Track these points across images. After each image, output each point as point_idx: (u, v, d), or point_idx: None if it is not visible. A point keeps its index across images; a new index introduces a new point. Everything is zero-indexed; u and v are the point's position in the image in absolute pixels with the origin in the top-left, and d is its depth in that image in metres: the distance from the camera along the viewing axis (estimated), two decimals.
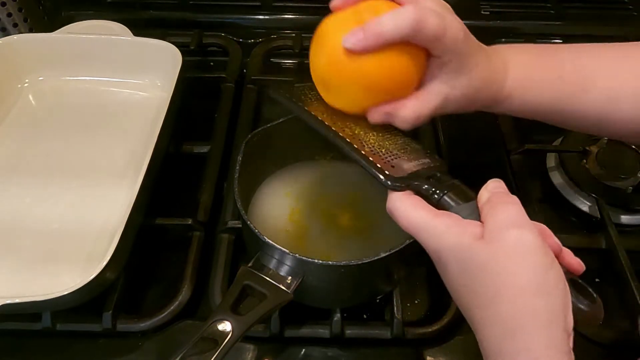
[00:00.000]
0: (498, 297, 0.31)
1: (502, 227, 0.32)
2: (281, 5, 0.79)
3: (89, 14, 0.76)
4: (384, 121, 0.39)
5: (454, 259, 0.33)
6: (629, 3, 0.77)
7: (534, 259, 0.31)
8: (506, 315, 0.30)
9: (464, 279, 0.32)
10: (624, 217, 0.58)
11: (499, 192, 0.35)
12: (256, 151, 0.51)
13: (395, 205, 0.36)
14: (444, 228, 0.33)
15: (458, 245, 0.32)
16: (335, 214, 0.53)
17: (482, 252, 0.31)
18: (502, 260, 0.31)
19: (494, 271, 0.31)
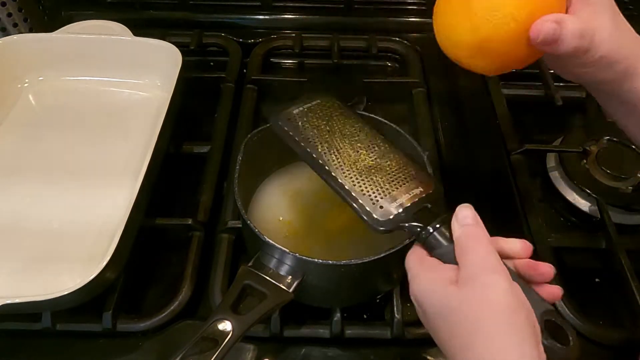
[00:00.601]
0: (472, 340, 0.32)
1: (473, 272, 0.34)
2: (281, 5, 0.79)
3: (89, 14, 0.76)
4: (553, 33, 0.36)
5: (428, 302, 0.35)
6: (629, 3, 0.77)
7: (504, 302, 0.32)
8: (481, 357, 0.32)
9: (438, 322, 0.34)
10: (624, 217, 0.58)
11: (467, 226, 0.36)
12: (256, 151, 0.51)
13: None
14: (420, 273, 0.36)
15: (432, 291, 0.35)
16: (336, 213, 0.53)
17: (454, 298, 0.33)
18: (474, 305, 0.33)
19: (466, 315, 0.33)
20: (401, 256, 0.43)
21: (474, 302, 0.33)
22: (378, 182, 0.42)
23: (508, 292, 0.32)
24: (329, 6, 0.77)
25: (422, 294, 0.35)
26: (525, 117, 0.68)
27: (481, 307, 0.32)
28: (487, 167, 0.63)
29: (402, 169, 0.43)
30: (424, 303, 0.35)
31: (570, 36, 0.36)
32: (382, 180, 0.42)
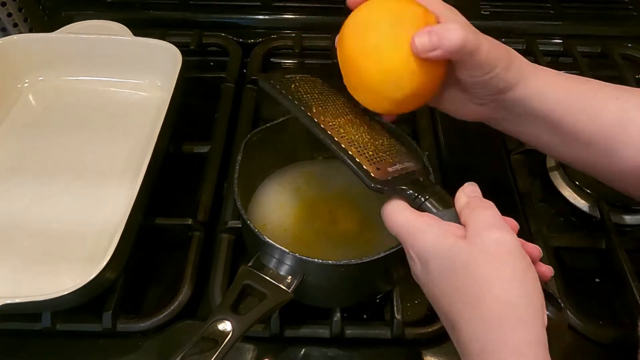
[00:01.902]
0: (481, 294, 0.31)
1: (483, 228, 0.33)
2: (281, 5, 0.79)
3: (89, 14, 0.76)
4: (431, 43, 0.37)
5: (436, 257, 0.33)
6: (629, 3, 0.77)
7: (515, 259, 0.32)
8: (490, 312, 0.31)
9: (446, 278, 0.33)
10: (624, 217, 0.58)
11: (476, 197, 0.36)
12: (256, 151, 0.51)
13: (384, 209, 0.37)
14: (426, 227, 0.34)
15: (440, 245, 0.33)
16: (335, 213, 0.53)
17: (465, 252, 0.32)
18: (485, 259, 0.32)
19: (477, 270, 0.32)
20: (401, 256, 0.43)
21: (485, 257, 0.32)
22: (375, 149, 0.40)
23: (518, 250, 0.32)
24: (329, 6, 0.77)
25: (430, 248, 0.34)
26: None
27: (493, 262, 0.31)
28: (487, 167, 0.63)
29: (394, 145, 0.43)
30: (430, 258, 0.34)
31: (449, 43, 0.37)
32: (378, 149, 0.41)
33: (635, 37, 0.78)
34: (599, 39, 0.77)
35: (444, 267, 0.33)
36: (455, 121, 0.45)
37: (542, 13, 0.78)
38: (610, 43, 0.76)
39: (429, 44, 0.37)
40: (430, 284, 0.34)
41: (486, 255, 0.32)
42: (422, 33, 0.37)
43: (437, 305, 0.35)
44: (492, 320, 0.31)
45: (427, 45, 0.37)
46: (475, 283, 0.31)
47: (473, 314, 0.31)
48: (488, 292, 0.31)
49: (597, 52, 0.76)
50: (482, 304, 0.31)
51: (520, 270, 0.32)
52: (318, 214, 0.53)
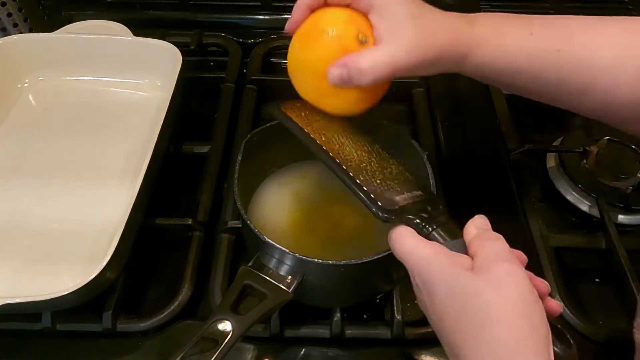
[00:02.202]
0: (488, 325, 0.31)
1: (492, 259, 0.33)
2: (281, 5, 0.79)
3: (89, 14, 0.76)
4: (341, 78, 0.38)
5: (442, 285, 0.33)
6: (629, 3, 0.77)
7: (524, 292, 0.32)
8: (496, 343, 0.31)
9: (452, 307, 0.33)
10: (624, 217, 0.58)
11: (486, 230, 0.36)
12: (256, 151, 0.51)
13: (390, 235, 0.37)
14: (433, 256, 0.34)
15: (447, 273, 0.33)
16: (336, 213, 0.53)
17: (473, 282, 0.32)
18: (493, 289, 0.32)
19: (486, 300, 0.31)
20: None
21: (494, 288, 0.31)
22: (382, 177, 0.41)
23: (527, 282, 0.32)
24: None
25: (437, 277, 0.33)
26: (525, 117, 0.68)
27: (501, 294, 0.31)
28: (487, 167, 0.63)
29: (402, 173, 0.43)
30: (436, 287, 0.33)
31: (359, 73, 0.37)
32: (384, 177, 0.41)
33: None
34: None
35: (452, 297, 0.33)
36: (455, 121, 0.45)
37: (542, 13, 0.78)
38: None
39: (339, 79, 0.38)
40: (435, 312, 0.34)
41: (494, 285, 0.32)
42: (334, 67, 0.38)
43: (441, 334, 0.35)
44: (498, 349, 0.30)
45: (337, 80, 0.38)
46: (482, 311, 0.31)
47: (478, 344, 0.31)
48: (495, 324, 0.31)
49: None
50: (488, 336, 0.31)
51: (527, 302, 0.32)
52: (318, 214, 0.53)
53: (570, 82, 0.40)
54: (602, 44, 0.41)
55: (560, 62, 0.40)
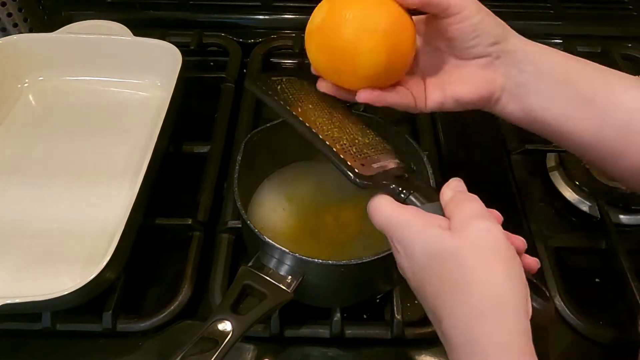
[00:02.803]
0: (466, 283, 0.31)
1: (468, 218, 0.33)
2: (281, 5, 0.79)
3: (89, 14, 0.76)
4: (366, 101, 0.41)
5: (421, 247, 0.33)
6: (629, 3, 0.77)
7: (501, 248, 0.32)
8: (475, 301, 0.31)
9: (432, 268, 0.33)
10: (624, 217, 0.58)
11: (461, 191, 0.36)
12: (256, 151, 0.51)
13: (369, 207, 0.37)
14: (410, 219, 0.34)
15: (426, 235, 0.33)
16: (336, 213, 0.53)
17: (451, 241, 0.32)
18: (470, 249, 0.32)
19: (463, 258, 0.32)
20: None
21: (471, 246, 0.32)
22: (359, 146, 0.41)
23: (503, 239, 0.32)
24: None
25: (415, 238, 0.34)
26: None
27: (479, 251, 0.32)
28: (487, 167, 0.63)
29: (379, 143, 0.43)
30: (415, 249, 0.33)
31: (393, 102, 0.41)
32: (363, 147, 0.41)
33: (635, 37, 0.78)
34: (599, 39, 0.77)
35: (429, 257, 0.33)
36: (455, 121, 0.45)
37: (542, 13, 0.78)
38: (610, 43, 0.76)
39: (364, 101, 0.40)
40: (416, 275, 0.34)
41: (471, 244, 0.32)
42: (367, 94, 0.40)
43: (422, 298, 0.35)
44: (477, 310, 0.31)
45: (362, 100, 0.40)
46: (460, 272, 0.31)
47: (458, 303, 0.31)
48: (473, 282, 0.31)
49: (597, 52, 0.76)
50: (466, 293, 0.31)
51: (505, 259, 0.32)
52: (318, 214, 0.53)
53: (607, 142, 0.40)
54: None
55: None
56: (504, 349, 0.30)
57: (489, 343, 0.30)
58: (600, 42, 0.77)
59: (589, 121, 0.40)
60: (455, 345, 0.32)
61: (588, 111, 0.40)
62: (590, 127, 0.40)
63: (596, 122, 0.40)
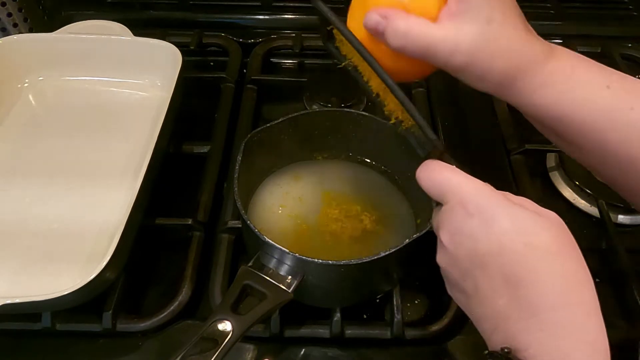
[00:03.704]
0: (562, 255, 0.32)
1: (540, 207, 0.34)
2: (281, 5, 0.79)
3: (89, 14, 0.76)
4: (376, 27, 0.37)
5: (507, 216, 0.33)
6: (629, 3, 0.77)
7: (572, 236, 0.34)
8: (570, 272, 0.32)
9: (520, 236, 0.33)
10: (624, 217, 0.58)
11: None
12: (256, 151, 0.51)
13: (435, 164, 0.37)
14: (491, 189, 0.35)
15: (510, 206, 0.33)
16: (335, 213, 0.53)
17: (540, 219, 0.33)
18: (558, 229, 0.33)
19: (556, 234, 0.33)
20: (401, 256, 0.44)
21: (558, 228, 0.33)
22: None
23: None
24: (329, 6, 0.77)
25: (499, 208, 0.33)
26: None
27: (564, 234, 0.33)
28: (487, 167, 0.63)
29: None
30: (499, 217, 0.33)
31: (393, 32, 0.36)
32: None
33: (635, 37, 0.78)
34: (599, 39, 0.77)
35: (520, 225, 0.33)
36: (455, 121, 0.45)
37: (542, 13, 0.78)
38: (610, 43, 0.76)
39: (374, 26, 0.36)
40: (491, 240, 0.33)
41: (558, 225, 0.33)
42: (375, 13, 0.36)
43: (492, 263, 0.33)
44: (572, 277, 0.32)
45: (371, 25, 0.37)
46: (555, 244, 0.32)
47: (552, 268, 0.32)
48: (567, 254, 0.33)
49: (597, 52, 0.76)
50: (562, 262, 0.32)
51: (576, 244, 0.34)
52: (318, 214, 0.53)
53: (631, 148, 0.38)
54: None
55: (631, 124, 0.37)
56: (592, 317, 0.31)
57: (580, 311, 0.31)
58: (600, 42, 0.77)
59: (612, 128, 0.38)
60: (541, 310, 0.31)
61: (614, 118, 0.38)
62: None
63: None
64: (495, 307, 0.33)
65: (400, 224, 0.53)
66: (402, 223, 0.53)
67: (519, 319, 0.32)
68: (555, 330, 0.31)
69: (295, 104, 0.69)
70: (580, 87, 0.38)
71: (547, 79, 0.38)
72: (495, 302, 0.33)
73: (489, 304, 0.34)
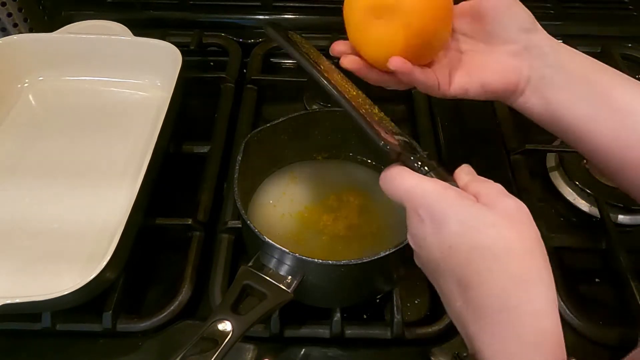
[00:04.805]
0: (507, 254, 0.32)
1: (498, 195, 0.34)
2: (281, 5, 0.79)
3: (89, 14, 0.76)
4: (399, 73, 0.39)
5: (454, 217, 0.33)
6: (629, 3, 0.77)
7: (532, 225, 0.33)
8: (515, 269, 0.31)
9: (463, 238, 0.33)
10: (624, 217, 0.58)
11: (477, 176, 0.37)
12: (256, 151, 0.51)
13: (389, 172, 0.37)
14: (441, 189, 0.34)
15: (459, 205, 0.33)
16: (335, 213, 0.53)
17: (487, 214, 0.33)
18: (508, 221, 0.32)
19: (502, 230, 0.32)
20: (401, 256, 0.44)
21: (508, 220, 0.32)
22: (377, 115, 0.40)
23: (531, 216, 0.33)
24: (329, 6, 0.77)
25: (448, 208, 0.33)
26: (526, 118, 0.68)
27: (516, 225, 0.32)
28: (487, 167, 0.63)
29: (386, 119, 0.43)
30: (447, 219, 0.33)
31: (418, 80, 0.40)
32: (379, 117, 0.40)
33: (635, 37, 0.78)
34: (599, 39, 0.77)
35: (465, 226, 0.33)
36: (455, 121, 0.45)
37: (542, 13, 0.78)
38: (610, 43, 0.76)
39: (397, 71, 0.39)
40: (443, 244, 0.34)
41: (508, 218, 0.33)
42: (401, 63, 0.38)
43: (447, 267, 0.34)
44: (517, 278, 0.31)
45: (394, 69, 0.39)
46: (498, 242, 0.32)
47: (497, 270, 0.32)
48: (513, 252, 0.32)
49: (597, 52, 0.76)
50: (507, 262, 0.32)
51: (537, 236, 0.33)
52: (318, 214, 0.53)
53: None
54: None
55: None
56: (541, 317, 0.31)
57: (525, 311, 0.31)
58: (600, 42, 0.77)
59: (610, 124, 0.39)
60: (487, 313, 0.32)
61: (609, 114, 0.39)
62: (611, 130, 0.39)
63: (617, 125, 0.39)
64: (455, 310, 0.34)
65: (400, 224, 0.52)
66: (402, 223, 0.52)
67: (473, 322, 0.33)
68: (501, 332, 0.31)
69: (295, 104, 0.69)
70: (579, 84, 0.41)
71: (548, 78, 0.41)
72: (454, 304, 0.34)
73: (451, 306, 0.34)
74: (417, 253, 0.37)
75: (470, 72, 0.42)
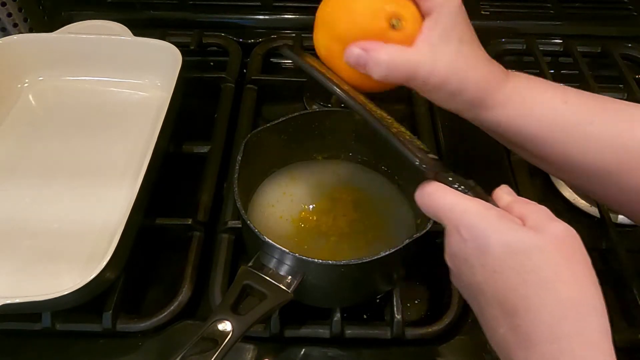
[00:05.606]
0: (556, 280, 0.31)
1: (545, 220, 0.32)
2: (281, 5, 0.79)
3: (89, 14, 0.76)
4: (357, 61, 0.38)
5: (498, 238, 0.32)
6: (629, 3, 0.77)
7: (582, 251, 0.32)
8: (566, 298, 0.30)
9: (508, 263, 0.32)
10: (624, 217, 0.58)
11: (519, 197, 0.36)
12: (256, 151, 0.51)
13: (427, 189, 0.36)
14: (485, 209, 0.33)
15: (504, 227, 0.32)
16: (335, 213, 0.53)
17: (533, 239, 0.31)
18: (556, 247, 0.31)
19: (550, 256, 0.31)
20: (401, 256, 0.44)
21: (556, 245, 0.31)
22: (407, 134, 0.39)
23: (581, 241, 0.32)
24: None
25: (492, 231, 0.32)
26: None
27: (564, 251, 0.31)
28: (487, 167, 0.63)
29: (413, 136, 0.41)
30: (491, 240, 0.32)
31: (375, 64, 0.37)
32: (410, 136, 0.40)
33: (635, 37, 0.78)
34: (599, 39, 0.77)
35: (510, 250, 0.31)
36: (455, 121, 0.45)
37: (542, 13, 0.78)
38: (610, 43, 0.76)
39: (355, 61, 0.38)
40: (486, 267, 0.32)
41: (556, 243, 0.31)
42: (355, 47, 0.38)
43: (488, 290, 0.33)
44: (567, 304, 0.30)
45: (352, 60, 0.38)
46: (549, 269, 0.31)
47: (546, 298, 0.30)
48: (563, 280, 0.31)
49: (597, 52, 0.76)
50: (556, 290, 0.31)
51: (587, 262, 0.32)
52: (318, 214, 0.53)
53: (595, 160, 0.38)
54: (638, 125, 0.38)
55: (591, 137, 0.38)
56: (593, 349, 0.30)
57: (578, 342, 0.30)
58: (600, 42, 0.77)
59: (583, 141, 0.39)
60: (536, 342, 0.30)
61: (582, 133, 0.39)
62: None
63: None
64: (496, 334, 0.33)
65: (400, 224, 0.53)
66: (402, 223, 0.53)
67: (519, 349, 0.31)
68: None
69: (295, 104, 0.70)
70: (538, 104, 0.39)
71: (510, 95, 0.39)
72: (497, 330, 0.33)
73: (491, 330, 0.33)
74: (456, 275, 0.35)
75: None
